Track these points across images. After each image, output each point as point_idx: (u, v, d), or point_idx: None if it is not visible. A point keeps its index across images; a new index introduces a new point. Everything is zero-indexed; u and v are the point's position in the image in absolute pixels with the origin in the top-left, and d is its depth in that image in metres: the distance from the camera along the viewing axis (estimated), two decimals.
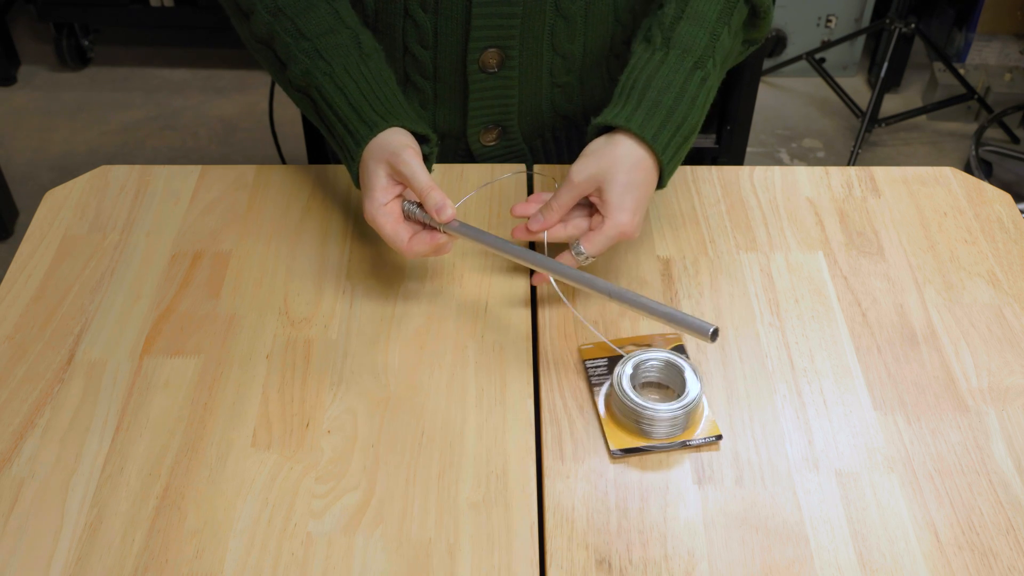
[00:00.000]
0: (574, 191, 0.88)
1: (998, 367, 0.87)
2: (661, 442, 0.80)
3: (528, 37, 1.02)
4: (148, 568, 0.73)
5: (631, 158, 0.87)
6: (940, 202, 1.05)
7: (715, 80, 0.93)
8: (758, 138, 2.59)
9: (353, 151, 0.90)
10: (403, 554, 0.73)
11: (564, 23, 1.02)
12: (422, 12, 1.00)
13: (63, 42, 2.70)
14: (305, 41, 0.93)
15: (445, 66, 1.04)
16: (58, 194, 1.05)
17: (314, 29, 0.93)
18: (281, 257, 0.97)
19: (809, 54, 2.63)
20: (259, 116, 2.65)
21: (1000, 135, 2.59)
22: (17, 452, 0.80)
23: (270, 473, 0.79)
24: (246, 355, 0.88)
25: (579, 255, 0.88)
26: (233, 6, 0.98)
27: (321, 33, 0.93)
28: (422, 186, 0.85)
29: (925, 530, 0.75)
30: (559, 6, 1.01)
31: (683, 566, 0.73)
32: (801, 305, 0.93)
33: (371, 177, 0.88)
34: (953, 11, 2.73)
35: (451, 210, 0.85)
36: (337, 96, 0.91)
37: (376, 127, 0.89)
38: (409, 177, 0.86)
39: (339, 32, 0.93)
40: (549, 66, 1.06)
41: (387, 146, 0.88)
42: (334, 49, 0.92)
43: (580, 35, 1.04)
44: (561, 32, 1.03)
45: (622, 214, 0.86)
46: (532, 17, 1.01)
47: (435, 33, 1.01)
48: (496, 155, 1.12)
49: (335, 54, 0.92)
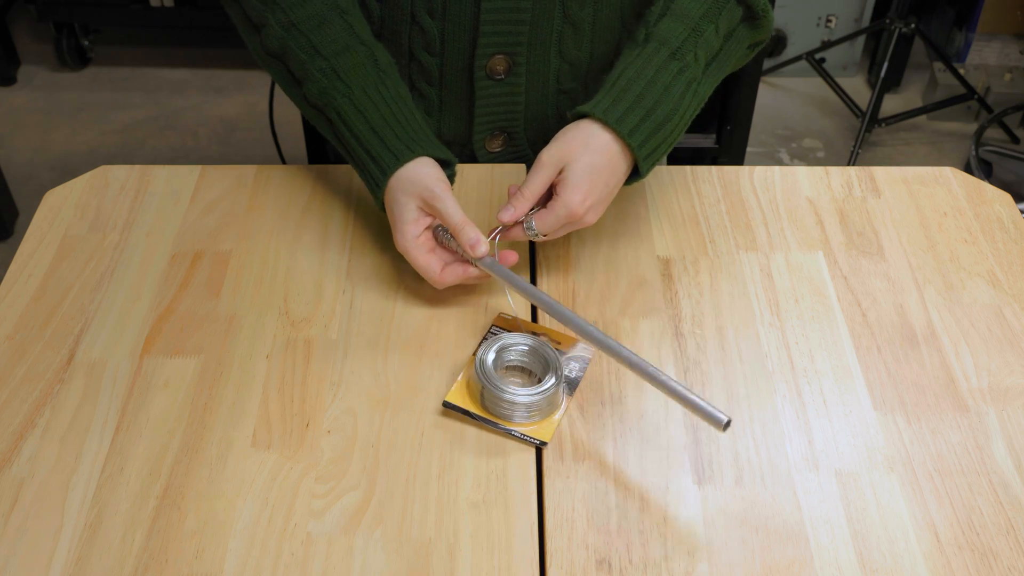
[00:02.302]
0: (541, 174, 0.88)
1: (998, 367, 0.87)
2: (489, 417, 0.81)
3: (536, 44, 1.02)
4: (148, 568, 0.73)
5: (595, 141, 0.88)
6: (940, 202, 1.05)
7: (697, 74, 0.92)
8: (758, 138, 2.59)
9: (379, 179, 0.90)
10: (403, 554, 0.73)
11: (572, 30, 1.02)
12: (429, 18, 0.99)
13: (63, 42, 2.70)
14: (321, 60, 0.92)
15: (452, 72, 1.03)
16: (58, 194, 1.05)
17: (330, 47, 0.93)
18: (281, 257, 0.97)
19: (809, 54, 2.63)
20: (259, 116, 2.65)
21: (1000, 135, 2.59)
22: (17, 452, 0.80)
23: (270, 473, 0.79)
24: (246, 355, 0.88)
25: (529, 230, 0.88)
26: (243, 19, 0.97)
27: (338, 52, 0.93)
28: (456, 223, 0.87)
29: (925, 530, 0.75)
30: (567, 13, 1.00)
31: (683, 566, 0.73)
32: (801, 305, 0.93)
33: (402, 210, 0.89)
34: (953, 11, 2.73)
35: (484, 246, 0.86)
36: (358, 120, 0.91)
37: (402, 157, 0.90)
38: (443, 213, 0.87)
39: (355, 50, 0.93)
40: (556, 73, 1.06)
41: (418, 180, 0.89)
42: (352, 70, 0.92)
43: (587, 42, 1.04)
44: (569, 39, 1.03)
45: (574, 194, 0.86)
46: (540, 24, 1.01)
47: (442, 39, 1.01)
48: (501, 162, 1.12)
49: (353, 75, 0.92)
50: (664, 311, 0.92)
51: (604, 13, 1.02)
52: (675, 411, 0.83)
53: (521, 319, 0.90)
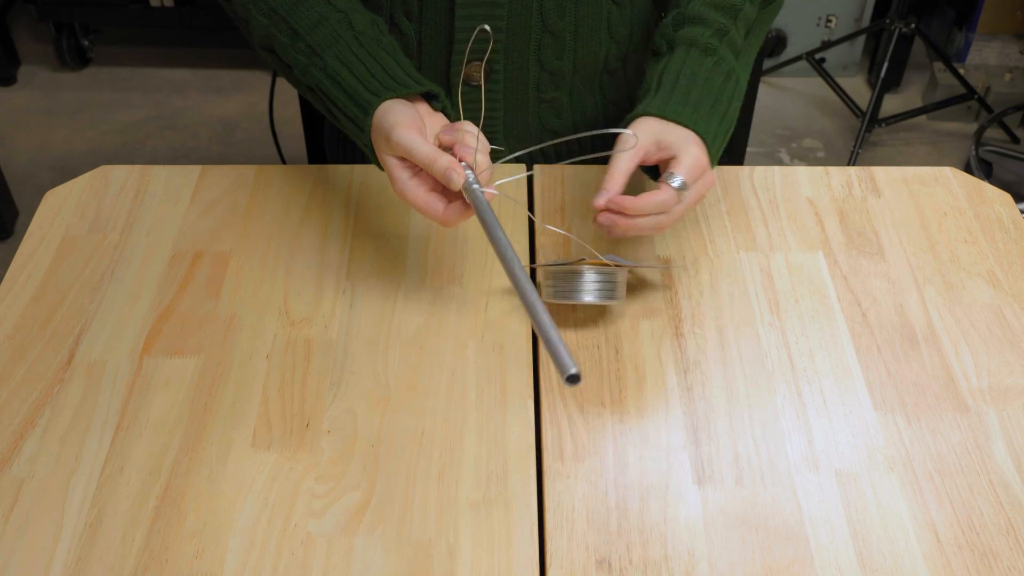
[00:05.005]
0: (628, 155, 0.83)
1: (998, 367, 0.87)
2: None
3: (513, 52, 1.01)
4: (148, 568, 0.73)
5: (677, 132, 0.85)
6: (940, 202, 1.05)
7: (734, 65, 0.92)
8: (758, 138, 2.59)
9: (364, 140, 0.86)
10: (403, 554, 0.73)
11: (552, 39, 1.01)
12: (407, 20, 0.99)
13: (63, 42, 2.70)
14: (299, 40, 0.90)
15: (429, 77, 1.02)
16: (58, 194, 1.05)
17: (305, 24, 0.90)
18: (281, 257, 0.97)
19: (809, 54, 2.63)
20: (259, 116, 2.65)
21: (1000, 135, 2.59)
22: (17, 452, 0.80)
23: (270, 473, 0.79)
24: (246, 355, 0.88)
25: (672, 179, 0.83)
26: (236, 18, 0.96)
27: (312, 26, 0.90)
28: (423, 159, 0.80)
29: (925, 530, 0.75)
30: (546, 22, 1.00)
31: (683, 566, 0.73)
32: (801, 305, 0.93)
33: (384, 162, 0.84)
34: (953, 11, 2.72)
35: (459, 176, 0.79)
36: (333, 88, 0.88)
37: (370, 107, 0.85)
38: (408, 152, 0.81)
39: (328, 21, 0.90)
40: (536, 81, 1.05)
41: (379, 128, 0.84)
42: (325, 41, 0.89)
43: (569, 51, 1.03)
44: (549, 48, 1.02)
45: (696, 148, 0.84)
46: (517, 32, 1.00)
47: (419, 43, 1.00)
48: None
49: (326, 46, 0.89)
50: (664, 311, 0.92)
51: (587, 23, 1.01)
52: (675, 411, 0.83)
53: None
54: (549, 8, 0.99)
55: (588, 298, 0.86)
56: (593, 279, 0.85)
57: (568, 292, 0.86)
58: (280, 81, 1.12)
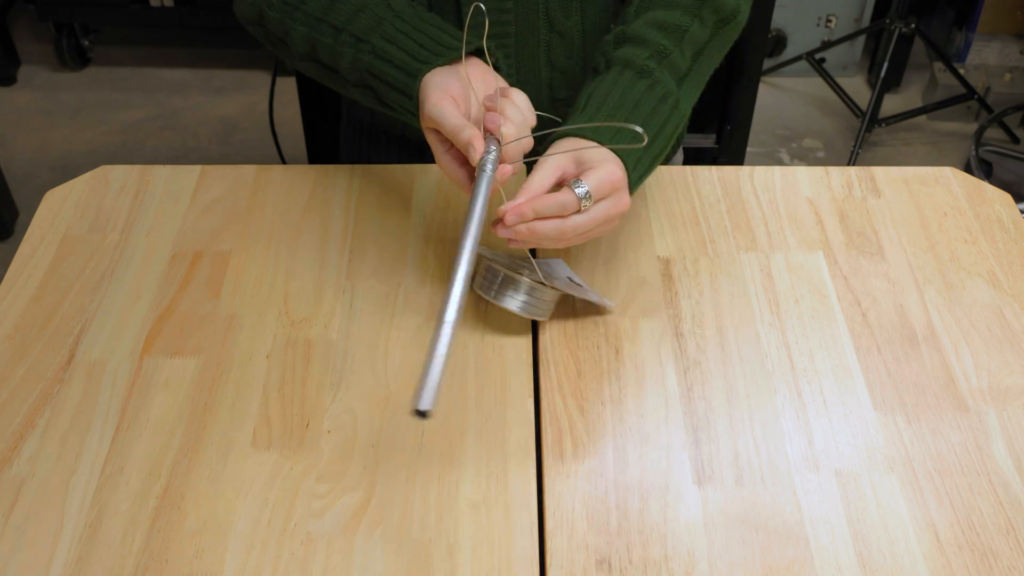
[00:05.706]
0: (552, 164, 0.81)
1: (998, 367, 0.87)
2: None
3: (523, 53, 1.02)
4: (148, 568, 0.73)
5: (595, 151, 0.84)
6: (940, 202, 1.05)
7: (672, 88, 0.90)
8: (758, 138, 2.59)
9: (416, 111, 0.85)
10: (403, 554, 0.73)
11: (560, 39, 1.02)
12: None
13: (63, 42, 2.70)
14: (342, 33, 0.90)
15: None
16: (58, 194, 1.05)
17: (344, 17, 0.90)
18: (281, 257, 0.97)
19: (809, 54, 2.63)
20: (259, 116, 2.65)
21: (1000, 135, 2.59)
22: (17, 452, 0.80)
23: (270, 473, 0.79)
24: (246, 355, 0.88)
25: (578, 187, 0.79)
26: (271, 37, 0.96)
27: (351, 18, 0.90)
28: (449, 131, 0.80)
29: (925, 530, 0.75)
30: (552, 23, 1.00)
31: (683, 566, 0.73)
32: (801, 305, 0.93)
33: (426, 136, 0.84)
34: (953, 11, 2.72)
35: (475, 151, 0.77)
36: (384, 67, 0.87)
37: (420, 73, 0.84)
38: (439, 124, 0.80)
39: (367, 8, 0.90)
40: (548, 81, 1.06)
41: (421, 103, 0.84)
42: (368, 26, 0.89)
43: (578, 51, 1.04)
44: (558, 48, 1.03)
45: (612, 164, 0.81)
46: (525, 34, 1.00)
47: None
48: None
49: (369, 30, 0.89)
50: (664, 311, 0.92)
51: (592, 22, 1.02)
52: (675, 411, 0.83)
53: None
54: (555, 9, 1.00)
55: (511, 307, 0.86)
56: (523, 295, 0.86)
57: (496, 294, 0.86)
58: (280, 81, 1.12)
